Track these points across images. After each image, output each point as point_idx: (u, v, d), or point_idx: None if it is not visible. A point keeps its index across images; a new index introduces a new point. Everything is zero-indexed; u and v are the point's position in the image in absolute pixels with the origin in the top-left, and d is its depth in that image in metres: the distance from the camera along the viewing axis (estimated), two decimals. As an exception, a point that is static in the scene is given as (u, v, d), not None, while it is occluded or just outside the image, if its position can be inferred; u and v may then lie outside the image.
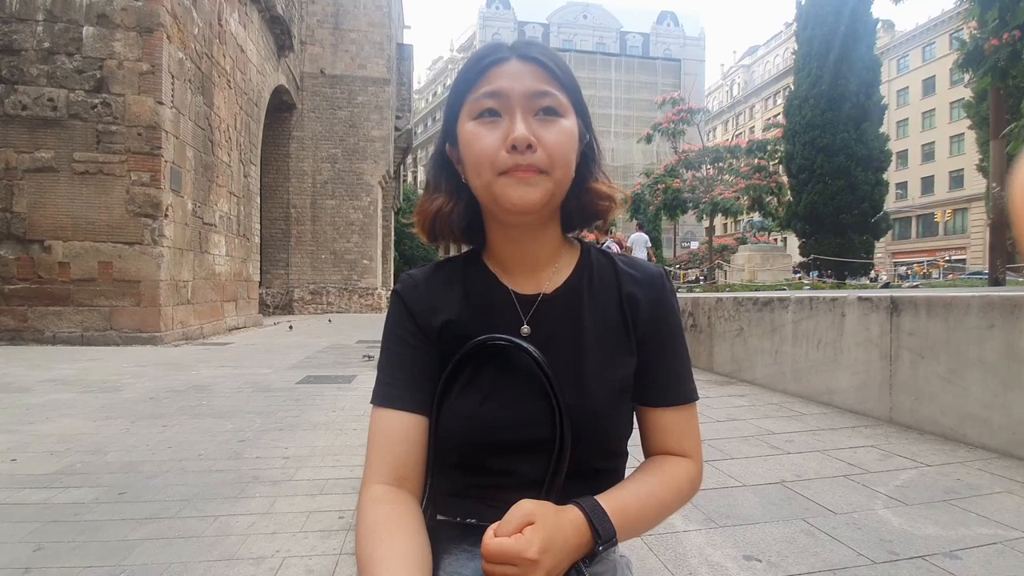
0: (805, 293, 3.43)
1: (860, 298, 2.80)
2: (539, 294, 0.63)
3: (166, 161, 6.76)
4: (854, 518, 1.56)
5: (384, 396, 0.60)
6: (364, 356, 5.42)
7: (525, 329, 0.61)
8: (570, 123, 0.58)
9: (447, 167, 0.63)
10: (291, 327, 8.00)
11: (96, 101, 6.50)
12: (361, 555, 0.51)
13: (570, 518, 0.52)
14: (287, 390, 3.90)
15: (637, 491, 0.58)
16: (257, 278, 11.16)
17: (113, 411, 3.18)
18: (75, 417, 3.02)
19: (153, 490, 1.95)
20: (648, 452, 0.66)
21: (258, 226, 11.17)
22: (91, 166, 6.47)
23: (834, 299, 2.98)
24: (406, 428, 0.58)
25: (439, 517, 0.62)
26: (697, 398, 0.66)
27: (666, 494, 0.60)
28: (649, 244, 6.38)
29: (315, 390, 3.90)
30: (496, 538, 0.47)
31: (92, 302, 6.48)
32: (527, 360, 0.58)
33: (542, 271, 0.64)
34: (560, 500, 0.56)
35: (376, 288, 15.69)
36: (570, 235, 0.68)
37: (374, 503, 0.55)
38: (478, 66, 0.58)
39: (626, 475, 0.65)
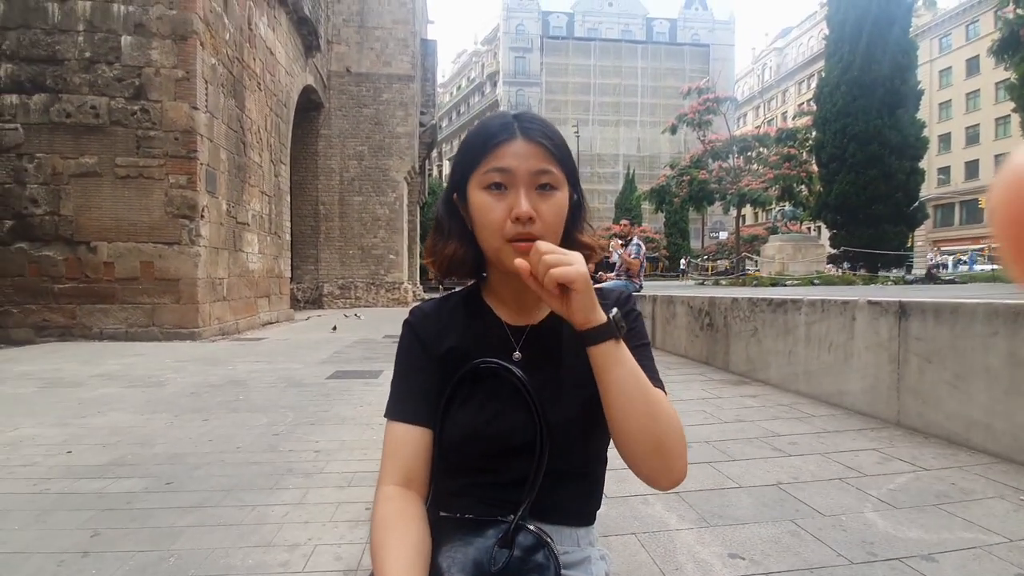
0: (818, 295, 3.44)
1: (870, 302, 2.82)
2: (527, 325, 0.76)
3: (201, 164, 7.07)
4: (841, 520, 1.64)
5: (396, 411, 0.73)
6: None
7: (517, 355, 0.74)
8: (563, 195, 0.70)
9: (455, 215, 0.74)
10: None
11: (135, 108, 6.83)
12: (373, 543, 0.65)
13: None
14: (317, 385, 4.11)
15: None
16: (288, 274, 11.53)
17: (158, 405, 3.42)
18: (123, 411, 3.27)
19: (197, 480, 2.12)
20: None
21: (288, 224, 11.52)
22: (132, 170, 6.83)
23: (845, 302, 3.00)
24: (414, 439, 0.71)
25: (441, 513, 0.74)
26: (664, 390, 0.73)
27: (655, 393, 0.68)
28: (629, 250, 6.62)
29: (343, 385, 4.09)
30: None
31: (135, 300, 6.87)
32: (515, 381, 0.71)
33: (530, 306, 0.77)
34: (542, 497, 0.69)
35: (403, 283, 15.98)
36: None
37: (386, 501, 0.68)
38: (488, 144, 0.69)
39: (606, 481, 0.78)
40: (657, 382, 0.74)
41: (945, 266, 22.05)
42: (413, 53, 16.13)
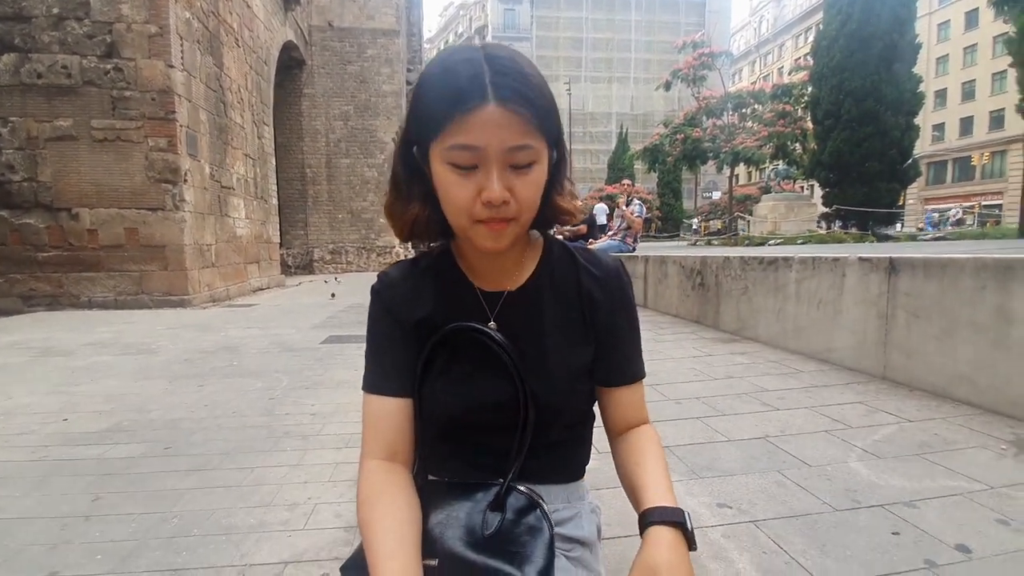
0: (809, 253, 3.46)
1: (861, 258, 2.83)
2: (503, 291, 0.71)
3: (181, 126, 6.85)
4: (826, 470, 1.69)
5: (372, 384, 0.71)
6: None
7: (492, 324, 0.70)
8: (542, 167, 0.60)
9: (416, 172, 0.64)
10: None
11: (108, 67, 6.55)
12: (361, 520, 0.63)
13: (669, 540, 0.58)
14: (311, 349, 4.12)
15: (658, 467, 0.68)
16: (277, 239, 11.39)
17: (151, 372, 3.42)
18: (117, 378, 3.27)
19: (195, 445, 2.13)
20: (611, 426, 0.77)
21: (275, 188, 11.29)
22: (109, 133, 6.60)
23: (836, 259, 3.01)
24: (393, 411, 0.69)
25: (430, 477, 0.73)
26: (644, 375, 0.76)
27: (663, 456, 0.71)
28: (632, 208, 6.76)
29: (337, 349, 4.10)
30: None
31: (122, 267, 6.77)
32: (495, 347, 0.67)
33: (506, 270, 0.72)
34: (530, 458, 0.69)
35: (394, 246, 15.85)
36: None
37: (369, 476, 0.66)
38: (452, 109, 0.56)
39: (596, 437, 0.78)
40: (637, 366, 0.75)
41: (934, 224, 22.26)
42: (397, 6, 15.48)
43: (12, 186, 6.52)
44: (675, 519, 0.59)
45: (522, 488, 0.68)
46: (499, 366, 0.67)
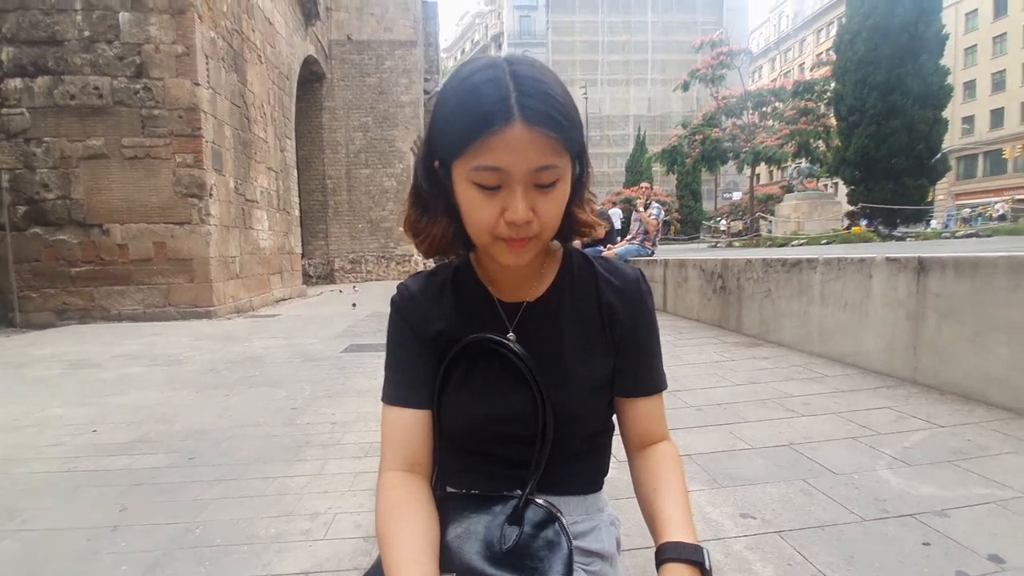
0: (835, 254, 3.38)
1: (888, 259, 2.75)
2: (523, 302, 0.71)
3: (207, 142, 7.04)
4: (853, 478, 1.63)
5: (391, 396, 0.71)
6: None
7: (511, 335, 0.69)
8: (565, 184, 0.60)
9: (439, 187, 0.63)
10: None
11: (138, 87, 6.77)
12: (379, 533, 0.63)
13: None
14: (332, 359, 4.17)
15: (678, 497, 0.67)
16: (299, 250, 11.59)
17: (178, 383, 3.50)
18: (145, 389, 3.35)
19: (219, 455, 2.17)
20: (629, 439, 0.75)
21: (297, 199, 11.51)
22: (139, 151, 6.81)
23: (862, 260, 2.94)
24: (412, 423, 0.69)
25: (448, 489, 0.73)
26: (666, 387, 0.76)
27: (683, 479, 0.70)
28: (650, 211, 6.54)
29: (357, 359, 4.15)
30: None
31: (151, 280, 6.96)
32: (514, 358, 0.67)
33: (526, 281, 0.71)
34: (548, 471, 0.68)
35: (412, 255, 16.01)
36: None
37: (388, 488, 0.66)
38: (477, 129, 0.54)
39: (616, 446, 0.77)
40: (658, 378, 0.74)
41: (968, 220, 21.49)
42: (414, 17, 15.71)
43: (47, 204, 6.77)
44: (693, 557, 0.58)
45: (540, 501, 0.67)
46: (518, 377, 0.67)
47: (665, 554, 0.59)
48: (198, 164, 6.93)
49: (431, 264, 0.81)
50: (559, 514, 0.67)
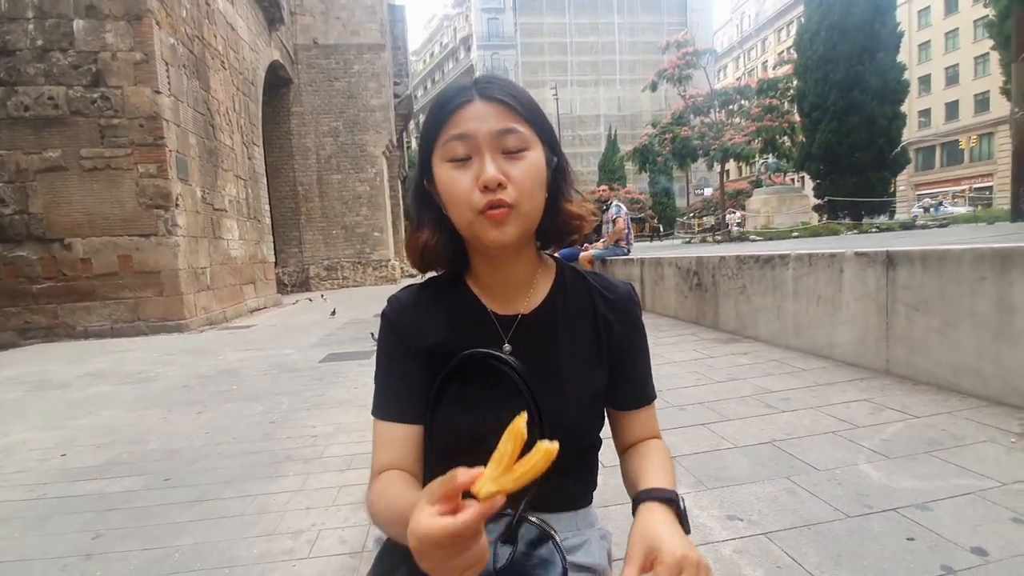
0: (804, 249, 3.45)
1: (857, 253, 2.82)
2: (517, 315, 0.71)
3: (171, 151, 6.84)
4: (836, 474, 1.67)
5: (382, 409, 0.70)
6: (371, 333, 5.56)
7: (506, 348, 0.69)
8: (536, 155, 0.63)
9: (428, 201, 0.68)
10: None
11: (95, 96, 6.54)
12: (374, 513, 0.62)
13: (662, 510, 0.58)
14: (311, 369, 4.09)
15: (663, 465, 0.68)
16: (272, 259, 11.36)
17: (149, 401, 3.38)
18: (115, 409, 3.23)
19: (195, 474, 2.11)
20: (622, 447, 0.77)
21: (267, 207, 11.28)
22: (99, 162, 6.58)
23: (832, 255, 3.00)
24: (403, 437, 0.68)
25: None
26: (656, 397, 0.77)
27: (670, 458, 0.72)
28: (610, 212, 6.34)
29: (337, 368, 4.07)
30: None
31: (117, 295, 6.73)
32: (509, 372, 0.66)
33: (520, 293, 0.72)
34: (540, 488, 0.67)
35: (389, 259, 15.84)
36: (546, 252, 0.76)
37: (377, 480, 0.66)
38: (444, 110, 0.63)
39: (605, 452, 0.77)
40: (650, 389, 0.77)
41: (928, 209, 22.26)
42: (381, 20, 15.54)
43: (4, 219, 6.48)
44: (668, 497, 0.60)
45: (534, 519, 0.66)
46: (513, 391, 0.66)
47: (641, 497, 0.61)
48: (162, 174, 6.72)
49: (412, 271, 0.81)
50: (553, 532, 0.66)
